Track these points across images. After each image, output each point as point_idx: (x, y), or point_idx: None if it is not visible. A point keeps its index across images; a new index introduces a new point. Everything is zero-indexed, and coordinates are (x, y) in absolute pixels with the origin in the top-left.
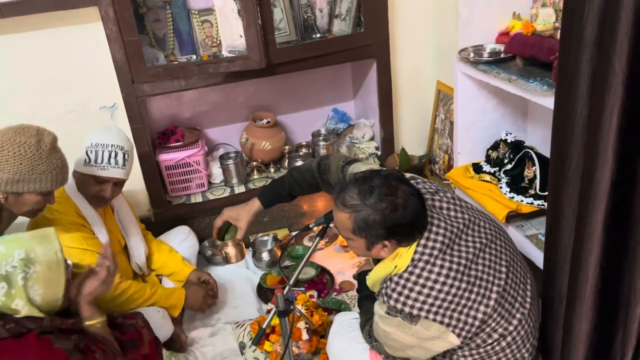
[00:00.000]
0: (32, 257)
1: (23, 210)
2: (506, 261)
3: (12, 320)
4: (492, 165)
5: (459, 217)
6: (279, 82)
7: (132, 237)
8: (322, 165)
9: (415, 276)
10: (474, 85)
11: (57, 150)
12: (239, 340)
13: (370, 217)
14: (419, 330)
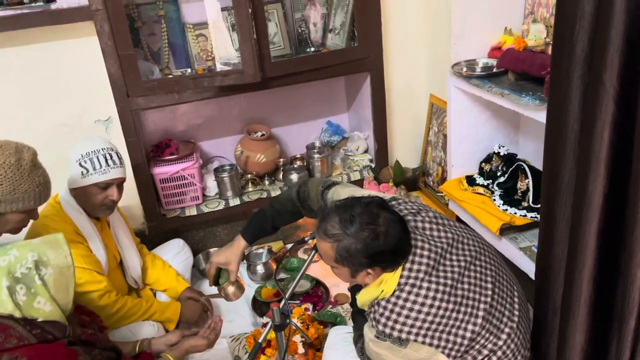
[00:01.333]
0: (44, 260)
1: (6, 228)
2: (492, 277)
3: (38, 326)
4: (486, 178)
5: (442, 237)
6: (273, 95)
7: (127, 252)
8: (301, 192)
9: (402, 300)
10: (467, 99)
11: (39, 166)
12: (234, 354)
13: (352, 247)
14: (409, 352)
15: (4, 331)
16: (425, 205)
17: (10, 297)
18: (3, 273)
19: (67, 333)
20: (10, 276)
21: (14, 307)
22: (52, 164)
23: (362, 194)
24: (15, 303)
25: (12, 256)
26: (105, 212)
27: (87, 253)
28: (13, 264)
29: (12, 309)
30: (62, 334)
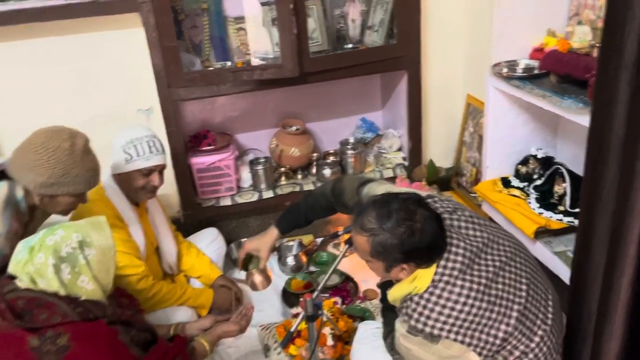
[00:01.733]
0: (88, 240)
1: (57, 210)
2: (526, 278)
3: (80, 304)
4: (522, 180)
5: (478, 236)
6: (309, 90)
7: (164, 238)
8: (336, 188)
9: (435, 297)
10: (506, 100)
11: (90, 152)
12: (264, 342)
13: (387, 242)
14: (440, 349)
15: (49, 308)
16: (461, 204)
17: (56, 275)
18: (50, 252)
19: (107, 312)
20: (56, 255)
21: (59, 285)
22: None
23: (399, 191)
24: (60, 281)
25: (59, 236)
26: (146, 196)
27: (127, 238)
28: (59, 243)
29: (57, 286)
30: (102, 313)
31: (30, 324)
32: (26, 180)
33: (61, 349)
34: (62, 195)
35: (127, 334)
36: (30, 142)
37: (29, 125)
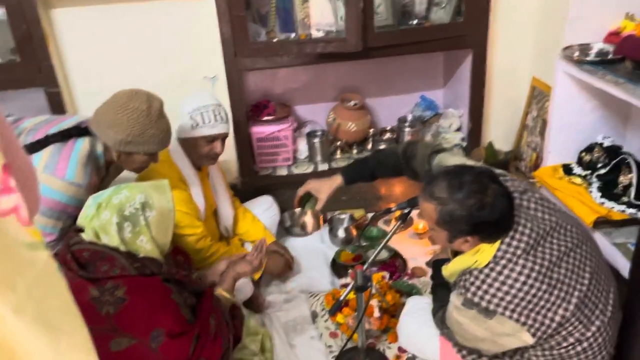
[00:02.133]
0: (150, 202)
1: (131, 167)
2: (590, 267)
3: (138, 260)
4: (584, 168)
5: (546, 219)
6: (370, 65)
7: (222, 202)
8: (409, 151)
9: (495, 273)
10: (575, 85)
11: (164, 115)
12: (312, 309)
13: (456, 212)
14: (493, 325)
15: (110, 261)
16: (532, 186)
17: (118, 232)
18: (115, 210)
19: (163, 270)
20: (120, 214)
21: (120, 242)
22: None
23: (472, 164)
24: (121, 238)
25: (124, 196)
26: (208, 162)
27: (188, 199)
28: (124, 203)
29: (118, 242)
30: (158, 270)
31: (93, 275)
32: (106, 137)
33: (118, 300)
34: (138, 154)
35: (180, 295)
36: (112, 102)
37: (104, 87)
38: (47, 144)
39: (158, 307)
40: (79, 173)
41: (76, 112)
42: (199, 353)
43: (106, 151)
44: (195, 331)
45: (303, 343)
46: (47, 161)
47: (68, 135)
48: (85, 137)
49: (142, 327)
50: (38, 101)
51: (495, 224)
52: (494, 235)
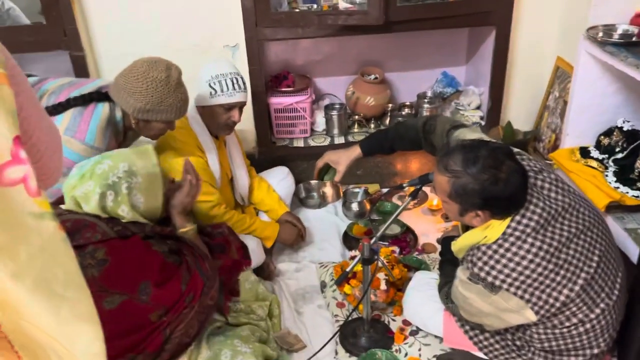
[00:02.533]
0: (134, 169)
1: (149, 134)
2: (600, 250)
3: (119, 224)
4: (602, 152)
5: (559, 200)
6: (392, 39)
7: (238, 170)
8: (428, 125)
9: (503, 249)
10: (598, 67)
11: (182, 84)
12: (321, 279)
13: (468, 186)
14: (497, 300)
15: (92, 228)
16: (548, 166)
17: (100, 202)
18: (98, 180)
19: (147, 229)
20: (104, 183)
21: (101, 211)
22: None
23: (490, 140)
24: (102, 207)
25: (106, 165)
26: (225, 131)
27: (204, 167)
28: (107, 172)
29: (98, 211)
30: (140, 230)
31: (77, 242)
32: (126, 104)
33: (100, 262)
34: (156, 121)
35: (164, 244)
36: (132, 70)
37: (127, 52)
38: (68, 107)
39: (141, 261)
40: (98, 137)
41: (100, 75)
42: (189, 289)
43: (125, 117)
44: (182, 271)
45: (310, 311)
46: (69, 123)
47: (89, 100)
48: (106, 102)
49: (128, 283)
50: (63, 64)
51: (507, 199)
52: (505, 211)
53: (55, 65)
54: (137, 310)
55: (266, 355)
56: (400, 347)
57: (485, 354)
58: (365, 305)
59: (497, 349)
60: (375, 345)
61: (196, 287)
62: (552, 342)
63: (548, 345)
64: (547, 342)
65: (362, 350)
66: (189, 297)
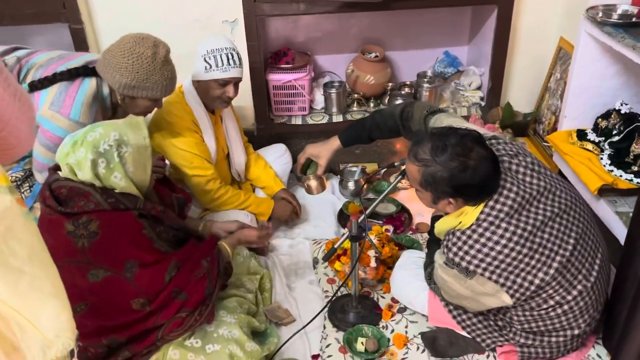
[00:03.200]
0: (125, 139)
1: (135, 111)
2: (576, 233)
3: (112, 196)
4: (599, 135)
5: (534, 184)
6: (395, 17)
7: (234, 146)
8: (405, 112)
9: (477, 235)
10: (597, 48)
11: (169, 62)
12: (314, 255)
13: (437, 174)
14: (473, 284)
15: (85, 197)
16: (525, 150)
17: (92, 169)
18: (89, 147)
19: (138, 205)
20: (95, 150)
21: (94, 178)
22: (182, 57)
23: (462, 126)
24: (95, 174)
25: (98, 133)
26: (221, 105)
27: (200, 142)
28: (98, 140)
29: (91, 178)
30: (133, 205)
31: (71, 210)
32: (112, 80)
33: (92, 234)
34: (142, 98)
35: (153, 230)
36: (119, 46)
37: (127, 26)
38: (54, 81)
39: (129, 241)
40: (84, 112)
41: (100, 49)
42: (177, 283)
43: (112, 93)
44: (170, 260)
45: (301, 286)
46: (54, 98)
47: (76, 74)
48: (93, 77)
49: (115, 259)
50: (64, 37)
51: (477, 187)
52: (477, 198)
53: (56, 38)
54: (120, 288)
55: (252, 326)
56: (387, 324)
57: (468, 333)
58: (354, 282)
59: (479, 329)
60: (362, 321)
61: (191, 289)
62: (531, 323)
63: (528, 326)
64: (527, 324)
65: (350, 325)
66: (180, 295)
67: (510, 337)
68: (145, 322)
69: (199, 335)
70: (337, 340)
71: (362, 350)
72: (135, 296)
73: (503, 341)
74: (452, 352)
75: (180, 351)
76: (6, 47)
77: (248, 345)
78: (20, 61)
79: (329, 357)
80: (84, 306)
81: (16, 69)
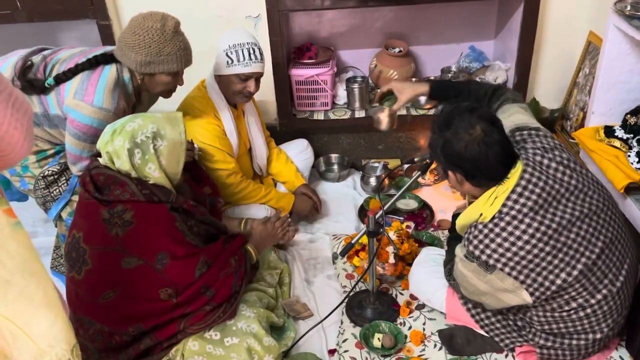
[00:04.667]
0: (162, 133)
1: (157, 90)
2: (605, 236)
3: (147, 187)
4: (627, 132)
5: (565, 181)
6: (419, 11)
7: (256, 141)
8: (498, 92)
9: (499, 228)
10: (626, 42)
11: (180, 33)
12: (333, 250)
13: (434, 143)
14: (493, 279)
15: (122, 186)
16: (564, 147)
17: (129, 158)
18: (127, 136)
19: (171, 199)
20: (132, 140)
21: (130, 167)
22: (206, 51)
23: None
24: (131, 164)
25: (137, 124)
26: (242, 100)
27: (222, 135)
28: (136, 130)
29: (128, 167)
30: (166, 198)
31: (106, 197)
32: (129, 60)
33: (126, 223)
34: (159, 74)
35: (185, 223)
36: (130, 26)
37: None
38: (77, 72)
39: (162, 233)
40: (106, 98)
41: None
42: (207, 280)
43: (133, 77)
44: (200, 256)
45: (320, 281)
46: (77, 88)
47: (96, 63)
48: (113, 63)
49: (147, 250)
50: (91, 33)
51: (471, 163)
52: (473, 176)
53: (84, 34)
54: (151, 277)
55: (270, 321)
56: (405, 320)
57: (486, 332)
58: (371, 277)
59: (498, 328)
60: (380, 317)
61: (218, 287)
62: (552, 325)
63: (548, 327)
64: (547, 325)
65: (367, 321)
66: (208, 292)
67: (529, 338)
68: (172, 313)
69: (218, 328)
70: (353, 336)
71: (378, 346)
72: (164, 285)
73: (522, 342)
74: (470, 350)
75: (200, 342)
76: (34, 48)
77: (266, 340)
78: (45, 59)
79: (345, 352)
80: (113, 294)
81: (42, 66)
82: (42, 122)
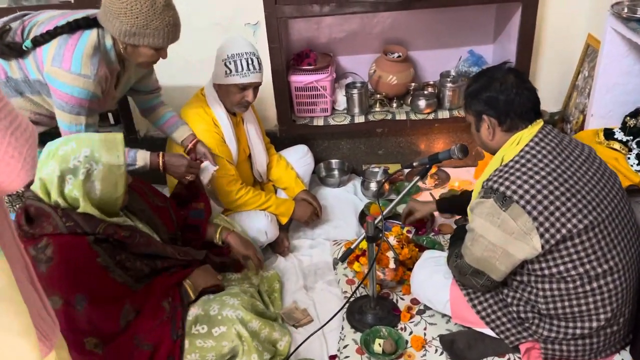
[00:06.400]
0: (96, 156)
1: (138, 61)
2: (615, 204)
3: (72, 219)
4: (627, 134)
5: (579, 146)
6: (417, 16)
7: (256, 147)
8: None
9: (519, 164)
10: (624, 44)
11: (171, 8)
12: (334, 256)
13: (469, 88)
14: (506, 220)
15: (47, 218)
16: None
17: (59, 185)
18: (59, 162)
19: (98, 230)
20: (64, 166)
21: (59, 195)
22: (204, 60)
23: None
24: (60, 191)
25: (70, 148)
26: (240, 109)
27: (221, 143)
28: (69, 154)
29: (57, 195)
30: (92, 230)
31: (34, 230)
32: (112, 27)
33: (48, 259)
34: (143, 46)
35: (112, 258)
36: None
37: None
38: (55, 35)
39: (81, 270)
40: (84, 64)
41: None
42: (137, 331)
43: (115, 44)
44: (125, 302)
45: (320, 287)
46: (54, 53)
47: (76, 27)
48: (94, 28)
49: (66, 289)
50: None
51: (506, 101)
52: (507, 116)
53: None
54: (73, 321)
55: (256, 309)
56: (406, 325)
57: (491, 328)
58: (371, 283)
59: (504, 323)
60: (380, 323)
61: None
62: (557, 303)
63: (553, 306)
64: (552, 303)
65: (368, 326)
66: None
67: (533, 331)
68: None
69: (204, 321)
70: (354, 341)
71: (379, 352)
72: (89, 334)
73: (526, 336)
74: (471, 355)
75: (189, 340)
76: (15, 14)
77: (254, 323)
78: (24, 22)
79: (346, 357)
80: None
81: (20, 29)
82: (24, 89)
